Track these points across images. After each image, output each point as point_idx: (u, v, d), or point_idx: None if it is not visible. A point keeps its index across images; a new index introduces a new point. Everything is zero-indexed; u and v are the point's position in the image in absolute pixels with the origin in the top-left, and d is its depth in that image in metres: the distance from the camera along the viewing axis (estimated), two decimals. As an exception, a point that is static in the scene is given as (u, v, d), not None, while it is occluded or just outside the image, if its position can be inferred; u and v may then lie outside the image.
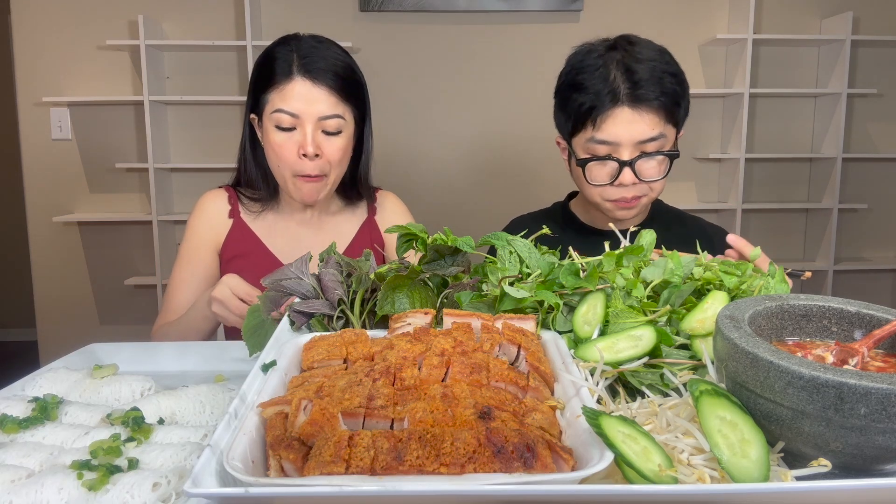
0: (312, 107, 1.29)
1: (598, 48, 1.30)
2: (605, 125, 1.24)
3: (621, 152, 1.26)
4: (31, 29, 3.36)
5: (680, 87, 1.28)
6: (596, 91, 1.24)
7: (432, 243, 0.95)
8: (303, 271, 0.97)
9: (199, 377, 0.92)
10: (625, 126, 1.24)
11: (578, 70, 1.29)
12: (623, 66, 1.24)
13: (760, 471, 0.51)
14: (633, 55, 1.26)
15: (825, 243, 3.55)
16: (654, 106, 1.23)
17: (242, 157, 1.45)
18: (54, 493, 0.58)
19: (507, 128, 3.52)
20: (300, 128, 1.30)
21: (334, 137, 1.32)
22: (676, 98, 1.27)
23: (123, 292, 3.53)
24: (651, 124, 1.24)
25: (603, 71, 1.25)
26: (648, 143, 1.25)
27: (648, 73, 1.23)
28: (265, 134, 1.34)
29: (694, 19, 3.50)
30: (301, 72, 1.29)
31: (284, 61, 1.31)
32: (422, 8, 3.38)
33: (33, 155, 3.46)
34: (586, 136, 1.27)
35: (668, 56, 1.29)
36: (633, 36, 1.32)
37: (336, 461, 0.51)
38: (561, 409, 0.63)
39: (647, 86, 1.23)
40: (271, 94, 1.31)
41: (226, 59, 3.44)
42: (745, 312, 0.64)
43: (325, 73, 1.30)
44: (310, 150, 1.29)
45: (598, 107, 1.24)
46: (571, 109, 1.29)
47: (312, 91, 1.29)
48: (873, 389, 0.50)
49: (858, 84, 3.54)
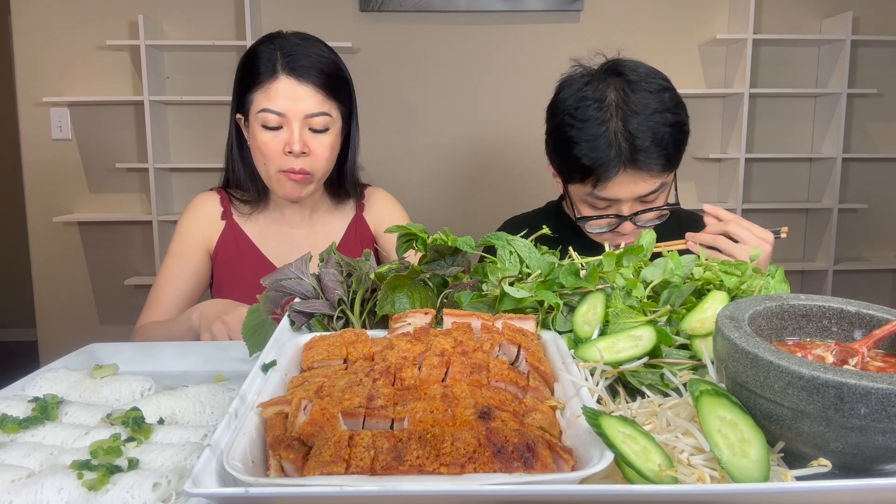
0: (298, 105, 1.28)
1: (592, 93, 1.22)
2: (607, 188, 1.22)
3: (621, 207, 1.24)
4: (31, 29, 3.36)
5: (681, 134, 1.24)
6: (596, 155, 1.19)
7: (432, 243, 0.95)
8: (303, 271, 0.97)
9: (199, 377, 0.92)
10: (627, 188, 1.21)
11: (574, 119, 1.23)
12: (622, 126, 1.19)
13: (760, 471, 0.51)
14: (631, 106, 1.19)
15: (825, 243, 3.56)
16: (656, 167, 1.20)
17: (230, 158, 1.44)
18: (54, 493, 0.58)
19: (507, 128, 3.52)
20: (287, 126, 1.29)
21: (321, 135, 1.32)
22: (678, 147, 1.24)
23: (123, 292, 3.53)
24: (652, 182, 1.22)
25: (603, 130, 1.19)
26: (649, 195, 1.23)
27: (650, 136, 1.18)
28: (251, 133, 1.32)
29: (694, 19, 3.50)
30: (286, 70, 1.28)
31: (268, 60, 1.29)
32: (422, 8, 3.38)
33: (33, 155, 3.46)
34: (585, 191, 1.25)
35: (667, 95, 1.23)
36: (627, 67, 1.24)
37: (336, 461, 0.51)
38: (561, 409, 0.63)
39: (648, 152, 1.19)
40: (256, 93, 1.30)
41: (226, 59, 3.44)
42: (745, 312, 0.64)
43: (309, 70, 1.29)
44: (296, 149, 1.28)
45: (600, 173, 1.20)
46: (568, 163, 1.25)
47: (298, 89, 1.28)
48: (873, 389, 0.50)
49: (858, 84, 3.54)
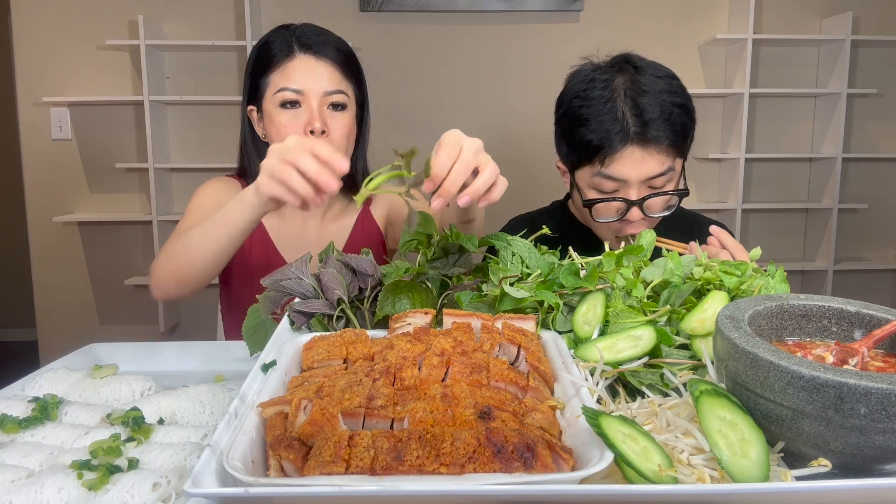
0: (317, 82, 1.27)
1: (600, 76, 1.24)
2: (614, 164, 1.20)
3: (629, 190, 1.22)
4: (31, 29, 3.36)
5: (688, 118, 1.24)
6: (604, 129, 1.19)
7: (440, 241, 0.96)
8: (303, 271, 0.97)
9: (199, 377, 0.92)
10: (634, 165, 1.20)
11: (582, 100, 1.23)
12: (631, 101, 1.19)
13: (760, 471, 0.51)
14: (640, 86, 1.20)
15: (825, 243, 3.55)
16: (663, 145, 1.20)
17: (244, 152, 1.41)
18: (54, 493, 0.58)
19: (507, 127, 3.52)
20: (305, 104, 1.27)
21: (339, 114, 1.30)
22: (685, 131, 1.23)
23: (123, 292, 3.53)
24: (660, 161, 1.21)
25: (610, 107, 1.20)
26: (657, 178, 1.22)
27: (658, 110, 1.19)
28: (268, 118, 1.31)
29: (694, 19, 3.50)
30: (302, 48, 1.28)
31: (284, 42, 1.29)
32: (422, 8, 3.38)
33: (33, 155, 3.46)
34: (592, 171, 1.23)
35: (675, 82, 1.24)
36: (635, 58, 1.26)
37: (336, 461, 0.51)
38: (561, 409, 0.63)
39: (656, 125, 1.18)
40: (272, 75, 1.29)
41: (226, 59, 3.44)
42: (745, 312, 0.64)
43: (325, 46, 1.29)
44: (317, 126, 1.25)
45: (607, 147, 1.19)
46: (576, 144, 1.24)
47: (316, 66, 1.28)
48: (873, 389, 0.50)
49: (858, 84, 3.54)
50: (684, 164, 1.28)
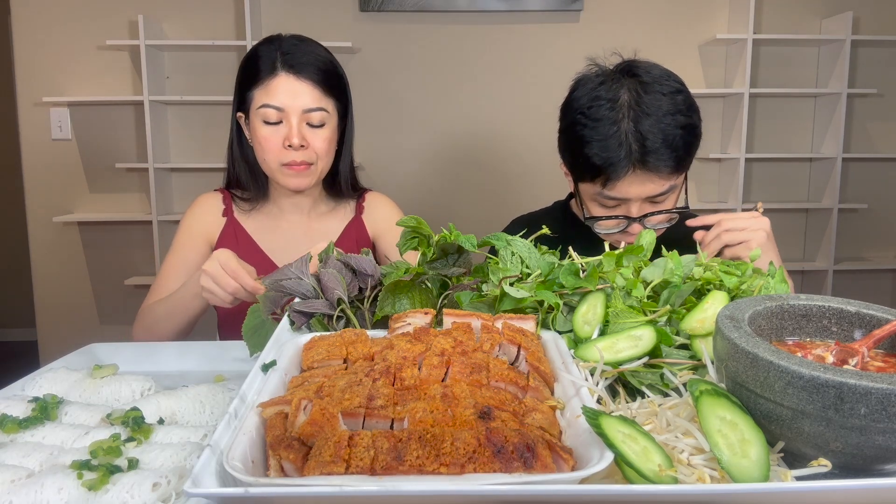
0: (297, 100, 1.34)
1: (605, 93, 1.23)
2: (616, 186, 1.22)
3: (630, 207, 1.24)
4: (31, 29, 3.36)
5: (693, 136, 1.24)
6: (607, 154, 1.20)
7: (439, 241, 0.96)
8: (303, 271, 0.97)
9: (199, 377, 0.92)
10: (635, 187, 1.22)
11: (587, 118, 1.23)
12: (634, 127, 1.19)
13: (760, 471, 0.51)
14: (644, 108, 1.20)
15: (825, 243, 3.55)
16: (665, 169, 1.21)
17: (231, 156, 1.48)
18: (54, 493, 0.58)
19: (507, 127, 3.52)
20: (286, 121, 1.34)
21: (319, 129, 1.37)
22: (688, 150, 1.24)
23: (123, 292, 3.53)
24: (661, 183, 1.22)
25: (615, 130, 1.20)
26: (658, 196, 1.24)
27: (661, 137, 1.19)
28: (252, 130, 1.38)
29: (694, 19, 3.50)
30: (285, 67, 1.34)
31: (268, 59, 1.35)
32: (422, 8, 3.38)
33: (33, 155, 3.45)
34: (595, 189, 1.25)
35: (681, 97, 1.23)
36: (642, 69, 1.25)
37: (336, 461, 0.51)
38: (561, 409, 0.63)
39: (659, 153, 1.19)
40: (256, 90, 1.35)
41: (226, 59, 3.44)
42: (745, 312, 0.64)
43: (307, 67, 1.35)
44: (295, 142, 1.33)
45: (610, 171, 1.20)
46: (579, 162, 1.25)
47: (296, 85, 1.34)
48: (873, 389, 0.50)
49: (858, 84, 3.54)
50: (686, 175, 1.30)
